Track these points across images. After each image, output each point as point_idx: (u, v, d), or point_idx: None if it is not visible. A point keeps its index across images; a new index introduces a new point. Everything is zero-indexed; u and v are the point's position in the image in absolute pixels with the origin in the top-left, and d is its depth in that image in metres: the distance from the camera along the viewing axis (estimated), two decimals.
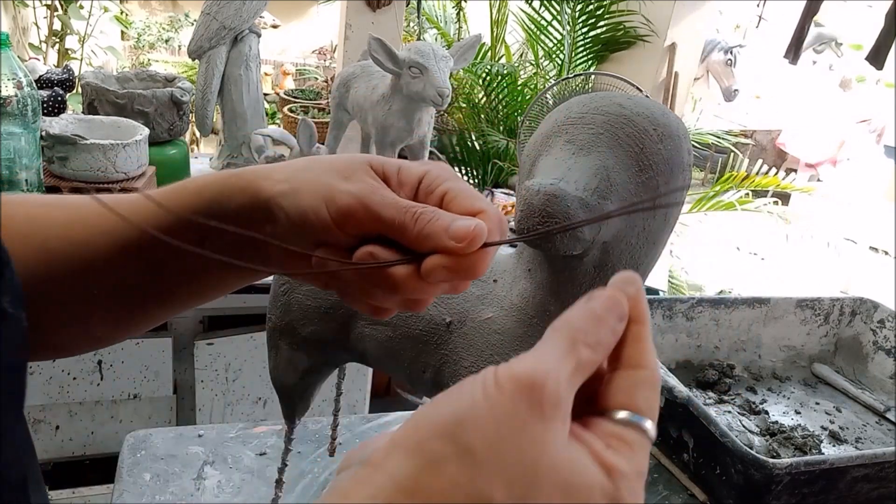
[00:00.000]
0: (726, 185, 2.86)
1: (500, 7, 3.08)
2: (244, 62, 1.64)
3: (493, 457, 0.25)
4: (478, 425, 0.25)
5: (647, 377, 0.29)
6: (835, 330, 1.27)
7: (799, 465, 0.78)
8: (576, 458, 0.26)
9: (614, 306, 0.29)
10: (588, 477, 0.26)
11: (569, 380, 0.27)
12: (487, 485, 0.24)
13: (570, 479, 0.25)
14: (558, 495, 0.25)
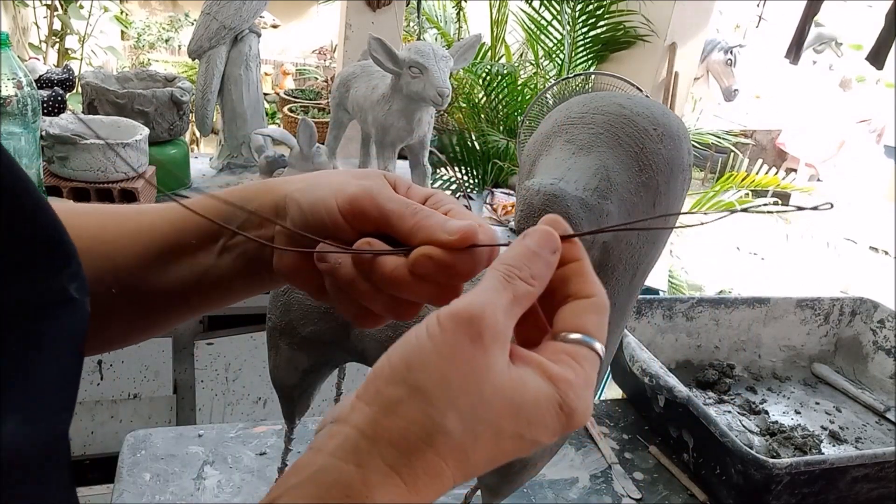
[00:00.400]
0: (726, 185, 2.86)
1: (500, 7, 3.08)
2: (244, 62, 1.64)
3: (443, 391, 0.27)
4: (425, 364, 0.27)
5: (592, 303, 0.31)
6: (835, 330, 1.27)
7: (799, 464, 0.78)
8: (518, 377, 0.28)
9: (546, 240, 0.31)
10: (532, 390, 0.28)
11: (506, 310, 0.29)
12: (441, 417, 0.27)
13: (514, 397, 0.28)
14: (508, 414, 0.28)
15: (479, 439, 0.27)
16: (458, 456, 0.27)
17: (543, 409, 0.28)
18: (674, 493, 0.91)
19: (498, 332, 0.28)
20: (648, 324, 1.14)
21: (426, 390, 0.27)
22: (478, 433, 0.27)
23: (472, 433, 0.27)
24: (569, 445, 0.97)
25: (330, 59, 4.83)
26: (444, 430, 0.27)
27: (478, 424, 0.27)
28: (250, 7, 1.59)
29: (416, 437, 0.27)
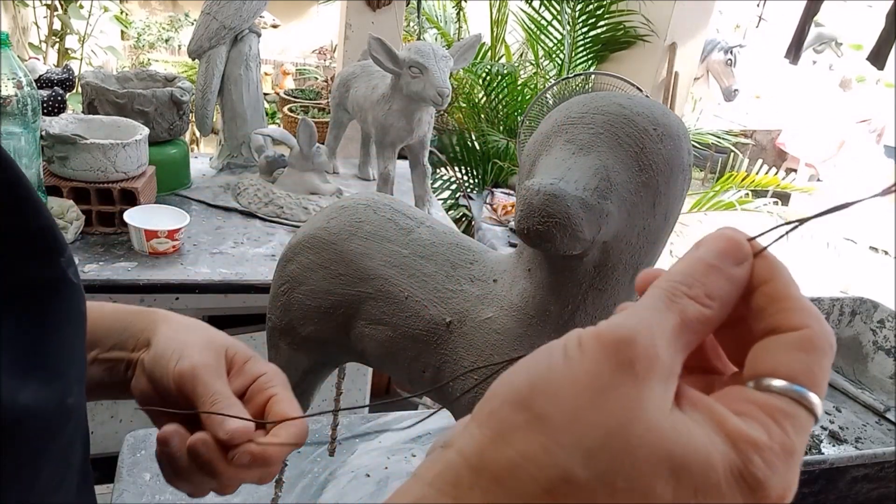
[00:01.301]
0: (726, 185, 2.86)
1: (500, 7, 3.08)
2: (244, 62, 1.64)
3: (570, 424, 0.21)
4: (554, 390, 0.22)
5: (802, 337, 0.23)
6: (835, 330, 1.27)
7: None
8: (684, 425, 0.21)
9: (728, 248, 0.24)
10: (701, 446, 0.21)
11: (670, 337, 0.22)
12: (564, 455, 0.21)
13: (675, 450, 0.20)
14: (663, 472, 0.20)
15: (619, 495, 0.20)
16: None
17: (718, 472, 0.21)
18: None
19: (656, 363, 0.22)
20: None
21: (549, 419, 0.21)
22: (618, 490, 0.20)
23: (608, 488, 0.20)
24: None
25: (330, 59, 4.83)
26: (568, 476, 0.20)
27: (617, 478, 0.20)
28: (250, 7, 1.59)
29: (529, 478, 0.21)
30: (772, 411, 0.22)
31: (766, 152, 5.83)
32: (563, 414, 0.21)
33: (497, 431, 0.22)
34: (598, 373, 0.21)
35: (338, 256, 0.62)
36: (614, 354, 0.21)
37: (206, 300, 1.29)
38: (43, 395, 0.28)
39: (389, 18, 2.34)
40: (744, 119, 5.59)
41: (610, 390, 0.21)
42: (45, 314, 0.30)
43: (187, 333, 0.46)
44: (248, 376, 0.45)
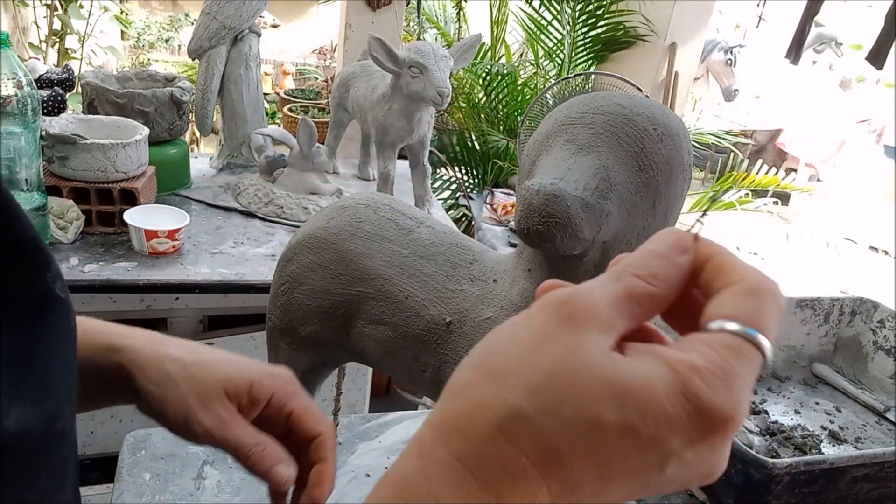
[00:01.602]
0: (726, 185, 2.87)
1: (500, 7, 3.08)
2: (244, 62, 1.64)
3: (516, 369, 0.23)
4: (503, 347, 0.24)
5: (740, 288, 0.25)
6: (835, 330, 1.27)
7: (799, 464, 0.78)
8: (623, 360, 0.23)
9: (673, 240, 0.27)
10: (640, 371, 0.23)
11: (612, 301, 0.24)
12: (511, 395, 0.22)
13: (615, 379, 0.22)
14: (608, 399, 0.22)
15: (571, 430, 0.22)
16: (543, 451, 0.22)
17: (660, 394, 0.22)
18: (673, 493, 0.91)
19: (593, 315, 0.24)
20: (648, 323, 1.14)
21: (499, 372, 0.23)
22: (566, 420, 0.22)
23: (557, 419, 0.22)
24: None
25: (330, 58, 4.83)
26: (518, 413, 0.22)
27: (563, 407, 0.22)
28: (250, 7, 1.59)
29: (483, 421, 0.23)
30: (711, 342, 0.24)
31: (766, 152, 5.83)
32: (510, 363, 0.23)
33: (454, 392, 0.24)
34: (543, 327, 0.24)
35: (338, 256, 0.62)
36: (556, 311, 0.24)
37: (206, 300, 1.29)
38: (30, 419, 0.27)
39: (389, 18, 2.34)
40: (744, 119, 5.59)
41: (552, 338, 0.23)
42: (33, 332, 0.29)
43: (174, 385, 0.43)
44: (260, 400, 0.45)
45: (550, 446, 0.22)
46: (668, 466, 0.23)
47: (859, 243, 4.43)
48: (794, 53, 3.43)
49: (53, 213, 1.21)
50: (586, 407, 0.22)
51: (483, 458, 0.22)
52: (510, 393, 0.23)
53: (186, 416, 0.42)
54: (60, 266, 1.23)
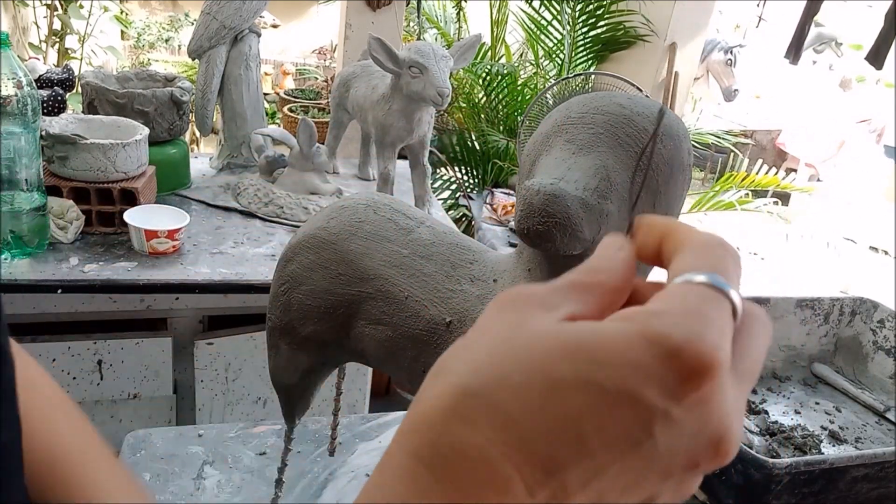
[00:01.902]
0: (726, 185, 2.87)
1: (500, 7, 3.08)
2: (244, 62, 1.64)
3: (461, 357, 0.23)
4: (453, 349, 0.24)
5: (695, 244, 0.24)
6: (835, 330, 1.27)
7: (799, 464, 0.78)
8: (576, 323, 0.22)
9: (608, 243, 0.27)
10: (596, 327, 0.21)
11: (553, 288, 0.24)
12: (457, 378, 0.22)
13: (565, 337, 0.21)
14: (558, 355, 0.21)
15: (524, 395, 0.20)
16: (497, 420, 0.20)
17: (617, 342, 0.20)
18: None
19: (536, 297, 0.23)
20: None
21: (447, 367, 0.22)
22: (518, 386, 0.20)
23: (507, 388, 0.21)
24: None
25: (330, 58, 4.83)
26: (466, 391, 0.21)
27: (513, 375, 0.21)
28: (250, 7, 1.59)
29: (434, 411, 0.21)
30: (674, 291, 0.22)
31: (766, 152, 5.83)
32: (457, 355, 0.23)
33: (413, 402, 0.23)
34: (485, 319, 0.24)
35: (338, 256, 0.62)
36: (498, 303, 0.24)
37: (206, 300, 1.29)
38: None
39: (389, 18, 2.34)
40: (744, 119, 5.59)
41: (493, 321, 0.23)
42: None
43: None
44: None
45: (508, 417, 0.20)
46: (656, 428, 0.20)
47: (859, 243, 4.43)
48: (794, 53, 3.43)
49: (53, 213, 1.21)
50: (536, 369, 0.21)
51: (437, 446, 0.21)
52: (456, 377, 0.22)
53: None
54: (60, 266, 1.22)
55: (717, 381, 0.20)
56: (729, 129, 3.72)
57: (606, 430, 0.20)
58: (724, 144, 3.38)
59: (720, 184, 2.89)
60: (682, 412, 0.20)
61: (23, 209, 1.11)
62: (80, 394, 1.25)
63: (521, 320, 0.22)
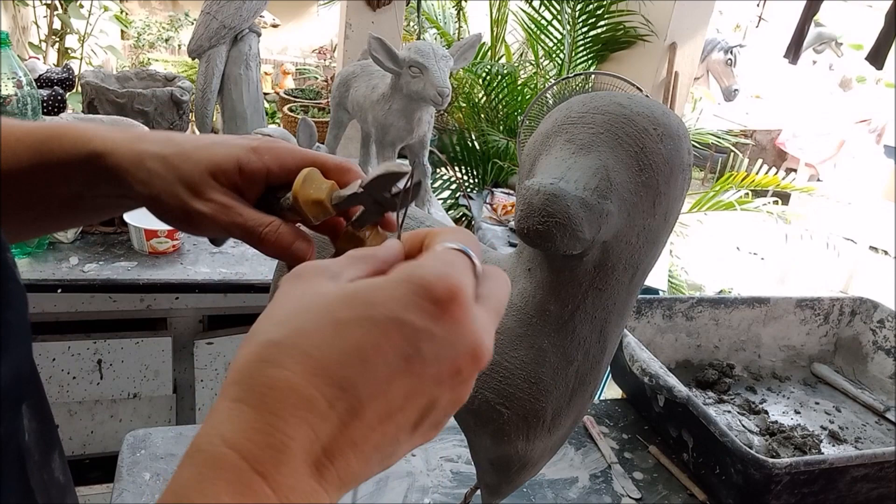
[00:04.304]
0: (726, 184, 2.87)
1: (500, 7, 3.08)
2: (244, 61, 1.64)
3: (265, 318, 0.28)
4: (261, 316, 0.29)
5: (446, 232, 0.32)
6: (834, 330, 1.27)
7: (798, 464, 0.78)
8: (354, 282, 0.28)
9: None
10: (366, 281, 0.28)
11: (336, 260, 0.30)
12: (262, 335, 0.27)
13: (343, 291, 0.27)
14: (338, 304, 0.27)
15: (314, 335, 0.26)
16: (298, 358, 0.26)
17: (384, 287, 0.27)
18: (673, 492, 0.91)
19: (321, 269, 0.29)
20: (648, 323, 1.14)
21: (254, 330, 0.27)
22: (307, 330, 0.26)
23: (297, 331, 0.26)
24: (568, 445, 0.97)
25: (330, 58, 4.82)
26: (271, 342, 0.26)
27: (306, 325, 0.26)
28: (250, 6, 1.58)
29: (245, 361, 0.26)
30: (427, 252, 0.30)
31: (766, 152, 5.83)
32: (263, 321, 0.28)
33: (233, 360, 0.27)
34: (280, 292, 0.29)
35: None
36: (289, 278, 0.29)
37: (206, 300, 1.29)
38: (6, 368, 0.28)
39: (389, 18, 2.34)
40: (744, 119, 5.59)
41: (287, 292, 0.28)
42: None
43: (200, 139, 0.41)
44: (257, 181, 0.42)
45: (306, 354, 0.25)
46: (422, 344, 0.26)
47: (859, 243, 4.43)
48: (794, 53, 3.43)
49: None
50: (323, 315, 0.26)
51: (254, 387, 0.25)
52: (262, 335, 0.27)
53: (183, 211, 0.40)
54: (60, 265, 1.22)
55: (465, 306, 0.27)
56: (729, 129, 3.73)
57: (382, 350, 0.26)
58: (724, 144, 3.38)
59: (720, 184, 2.88)
60: (441, 329, 0.27)
61: None
62: (79, 393, 1.25)
63: (311, 286, 0.28)
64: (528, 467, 0.63)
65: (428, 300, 0.26)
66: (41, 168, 0.41)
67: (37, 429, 0.40)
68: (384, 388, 0.26)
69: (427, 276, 0.27)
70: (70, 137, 0.41)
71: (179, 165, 0.40)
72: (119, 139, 0.41)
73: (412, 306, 0.26)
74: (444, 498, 0.83)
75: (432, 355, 0.27)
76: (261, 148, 0.40)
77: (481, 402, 0.57)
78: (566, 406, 0.59)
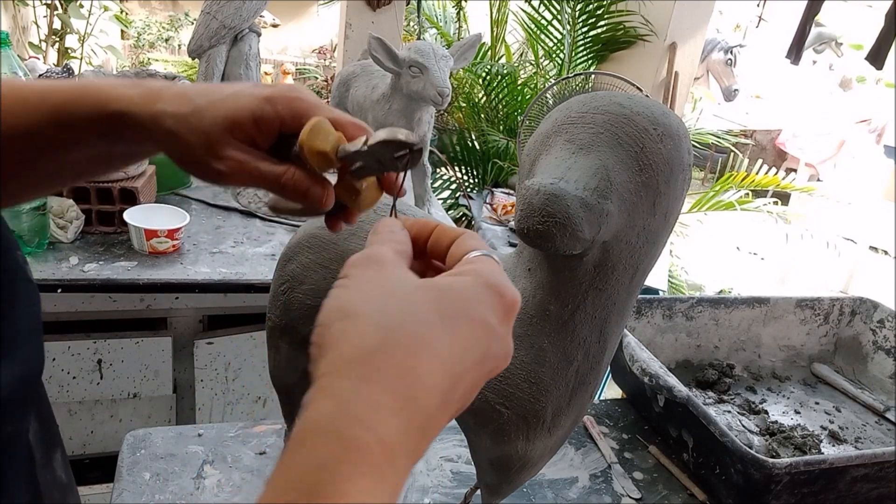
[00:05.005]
0: (726, 185, 2.87)
1: (500, 7, 3.08)
2: (244, 61, 1.64)
3: (362, 301, 0.31)
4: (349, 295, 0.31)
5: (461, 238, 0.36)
6: (834, 330, 1.27)
7: (798, 464, 0.78)
8: (436, 278, 0.33)
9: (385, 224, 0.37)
10: (453, 279, 0.33)
11: (394, 251, 0.34)
12: (375, 317, 0.29)
13: (437, 285, 0.32)
14: (411, 289, 0.31)
15: (430, 326, 0.29)
16: (413, 344, 0.29)
17: (472, 288, 0.32)
18: (673, 492, 0.91)
19: (390, 259, 0.33)
20: (648, 323, 1.14)
21: (354, 309, 0.30)
22: (421, 320, 0.30)
23: (413, 319, 0.29)
24: (568, 445, 0.97)
25: (330, 58, 4.83)
26: (386, 326, 0.29)
27: (411, 309, 0.30)
28: (250, 6, 1.58)
29: (370, 345, 0.29)
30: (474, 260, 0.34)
31: (766, 152, 5.83)
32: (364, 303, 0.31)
33: (335, 340, 0.30)
34: (354, 276, 0.32)
35: (338, 256, 0.62)
36: (365, 262, 0.33)
37: (206, 300, 1.28)
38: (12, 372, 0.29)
39: (389, 18, 2.34)
40: (744, 119, 5.59)
41: (371, 278, 0.32)
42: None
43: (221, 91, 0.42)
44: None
45: (432, 349, 0.29)
46: (493, 345, 0.31)
47: (859, 243, 4.43)
48: (795, 53, 3.43)
49: (53, 212, 1.21)
50: (432, 308, 0.30)
51: (383, 370, 0.28)
52: (376, 316, 0.30)
53: (202, 170, 0.41)
54: (60, 265, 1.22)
55: (514, 317, 0.33)
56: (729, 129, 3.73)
57: (475, 346, 0.30)
58: (724, 144, 3.38)
59: (720, 184, 2.88)
60: (503, 333, 0.32)
61: (22, 208, 1.11)
62: (80, 393, 1.25)
63: (397, 274, 0.32)
64: (528, 467, 0.63)
65: (502, 307, 0.32)
66: (61, 130, 0.41)
67: (38, 429, 0.40)
68: (468, 377, 0.30)
69: (502, 287, 0.32)
70: (89, 100, 0.41)
71: (196, 125, 0.40)
72: (137, 100, 0.41)
73: (494, 311, 0.31)
74: (444, 498, 0.83)
75: (493, 354, 0.31)
76: (275, 97, 0.41)
77: (481, 402, 0.57)
78: (566, 406, 0.59)
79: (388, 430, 0.27)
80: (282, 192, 0.41)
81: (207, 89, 0.41)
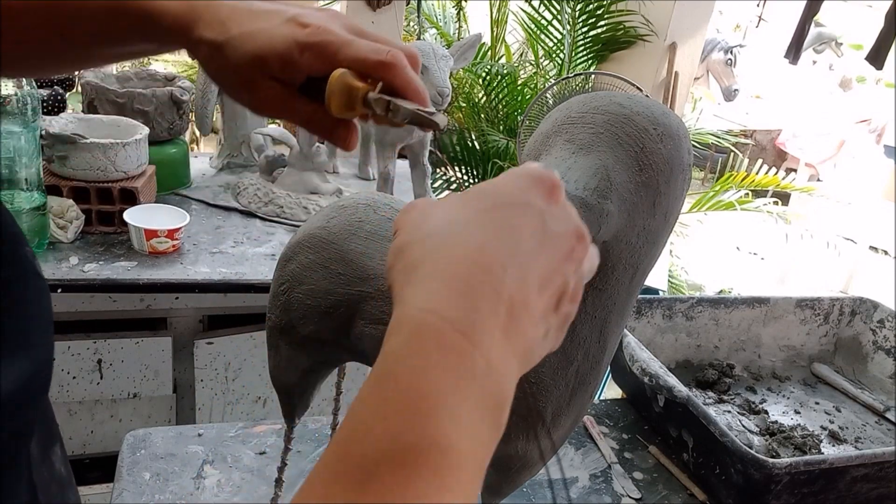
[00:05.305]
0: (726, 184, 2.86)
1: (500, 7, 3.08)
2: None
3: (411, 226, 0.33)
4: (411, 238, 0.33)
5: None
6: (834, 330, 1.27)
7: (798, 464, 0.78)
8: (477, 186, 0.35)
9: None
10: (492, 181, 0.34)
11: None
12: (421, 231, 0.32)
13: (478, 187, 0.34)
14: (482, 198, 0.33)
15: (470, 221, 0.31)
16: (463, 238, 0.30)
17: (505, 181, 0.34)
18: (673, 492, 0.91)
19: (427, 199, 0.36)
20: (648, 323, 1.14)
21: (406, 240, 0.33)
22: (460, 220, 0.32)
23: (454, 222, 0.31)
24: (569, 445, 0.97)
25: None
26: (427, 233, 0.31)
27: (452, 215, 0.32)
28: None
29: (417, 251, 0.31)
30: None
31: (766, 152, 5.83)
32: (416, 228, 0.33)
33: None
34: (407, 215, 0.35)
35: (338, 256, 0.62)
36: (406, 208, 0.35)
37: (206, 299, 1.29)
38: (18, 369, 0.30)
39: (389, 18, 2.34)
40: (744, 119, 5.59)
41: (408, 210, 0.35)
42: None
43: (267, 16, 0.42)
44: None
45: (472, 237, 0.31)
46: (548, 222, 0.32)
47: (859, 243, 4.43)
48: (794, 53, 3.43)
49: (53, 212, 1.21)
50: (470, 209, 0.32)
51: (436, 264, 0.30)
52: (421, 231, 0.32)
53: (238, 96, 0.43)
54: (60, 265, 1.22)
55: (563, 193, 0.34)
56: (729, 129, 3.72)
57: (523, 227, 0.31)
58: (724, 144, 3.38)
59: (720, 184, 2.88)
60: (556, 210, 0.33)
61: (22, 208, 1.11)
62: (80, 393, 1.25)
63: (431, 201, 0.34)
64: (528, 467, 0.63)
65: (542, 187, 0.33)
66: (104, 43, 0.44)
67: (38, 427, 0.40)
68: (534, 259, 0.31)
69: (536, 169, 0.33)
70: (132, 16, 0.42)
71: (230, 56, 0.41)
72: (180, 20, 0.42)
73: (533, 192, 0.32)
74: None
75: (553, 232, 0.32)
76: (306, 43, 0.40)
77: None
78: (566, 406, 0.59)
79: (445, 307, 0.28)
80: (309, 129, 0.44)
81: (243, 13, 0.41)
